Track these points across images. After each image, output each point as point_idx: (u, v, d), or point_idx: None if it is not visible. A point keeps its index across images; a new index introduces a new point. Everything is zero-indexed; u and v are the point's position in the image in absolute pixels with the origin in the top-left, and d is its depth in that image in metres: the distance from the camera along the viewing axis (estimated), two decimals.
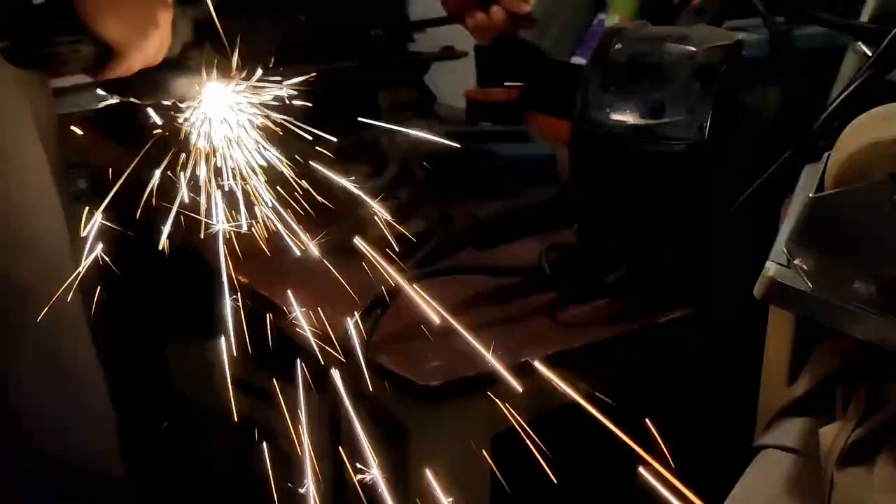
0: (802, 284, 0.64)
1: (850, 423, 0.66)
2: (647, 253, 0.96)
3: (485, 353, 0.84)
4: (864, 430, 0.64)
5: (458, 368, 0.84)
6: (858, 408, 0.66)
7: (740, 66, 0.91)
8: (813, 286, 0.64)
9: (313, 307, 0.97)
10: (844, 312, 0.62)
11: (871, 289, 0.61)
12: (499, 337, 0.90)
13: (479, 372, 0.84)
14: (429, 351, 0.87)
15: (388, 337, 0.89)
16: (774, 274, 0.66)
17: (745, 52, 0.91)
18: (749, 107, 0.94)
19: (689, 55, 0.92)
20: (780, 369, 0.78)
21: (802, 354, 0.76)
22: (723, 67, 0.90)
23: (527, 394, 0.91)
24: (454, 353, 0.86)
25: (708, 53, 0.91)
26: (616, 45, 0.98)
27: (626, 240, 0.99)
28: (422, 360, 0.85)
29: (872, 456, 0.64)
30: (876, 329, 0.61)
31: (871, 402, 0.66)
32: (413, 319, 0.92)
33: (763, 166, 0.87)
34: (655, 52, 0.95)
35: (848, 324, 0.63)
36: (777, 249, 0.67)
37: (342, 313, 0.90)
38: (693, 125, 0.92)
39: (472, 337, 0.90)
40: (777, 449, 0.71)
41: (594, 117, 0.99)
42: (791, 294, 0.65)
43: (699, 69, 0.91)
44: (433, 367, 0.84)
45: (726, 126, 0.92)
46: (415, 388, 0.82)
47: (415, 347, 0.88)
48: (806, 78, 1.00)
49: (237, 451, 1.61)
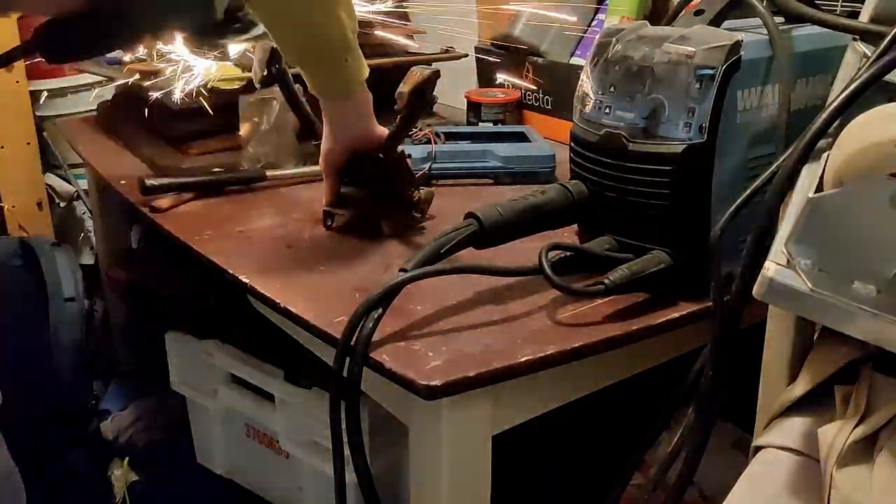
0: (802, 284, 0.64)
1: (849, 423, 0.66)
2: (647, 253, 0.96)
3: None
4: (863, 430, 0.64)
5: (458, 368, 0.84)
6: (858, 408, 0.66)
7: (740, 66, 0.91)
8: (812, 286, 0.64)
9: (313, 305, 0.97)
10: (844, 312, 0.63)
11: (871, 289, 0.61)
12: (499, 337, 0.90)
13: (479, 372, 0.84)
14: (429, 351, 0.87)
15: (388, 337, 0.89)
16: (774, 274, 0.66)
17: (744, 52, 0.91)
18: (749, 107, 0.94)
19: (688, 55, 0.92)
20: (780, 369, 0.78)
21: (802, 354, 0.76)
22: (722, 67, 0.91)
23: (527, 394, 0.92)
24: (454, 353, 0.86)
25: (707, 53, 0.91)
26: (615, 45, 0.99)
27: (626, 240, 0.99)
28: (422, 359, 0.85)
29: (872, 456, 0.64)
30: (876, 329, 0.61)
31: (871, 402, 0.66)
32: (413, 319, 0.93)
33: (762, 167, 0.87)
34: (655, 52, 0.95)
35: (848, 324, 0.63)
36: (777, 249, 0.67)
37: (342, 312, 0.91)
38: (693, 125, 0.92)
39: (472, 337, 0.90)
40: (776, 449, 0.71)
41: (594, 117, 1.00)
42: (791, 294, 0.65)
43: (698, 69, 0.91)
44: (433, 367, 0.84)
45: (726, 126, 0.93)
46: (415, 388, 0.82)
47: (415, 347, 0.88)
48: (806, 78, 1.00)
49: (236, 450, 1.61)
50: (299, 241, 1.17)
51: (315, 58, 1.07)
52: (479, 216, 0.96)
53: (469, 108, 1.66)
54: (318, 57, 1.06)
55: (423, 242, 1.14)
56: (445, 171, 1.38)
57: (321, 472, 1.41)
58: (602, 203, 1.00)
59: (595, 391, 0.99)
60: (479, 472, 0.91)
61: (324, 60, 1.07)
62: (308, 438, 1.42)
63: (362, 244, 1.15)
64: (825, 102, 0.75)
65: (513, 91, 1.68)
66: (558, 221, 1.03)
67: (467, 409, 0.87)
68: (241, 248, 1.15)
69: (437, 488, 0.90)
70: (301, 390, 1.42)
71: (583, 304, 0.96)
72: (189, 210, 1.30)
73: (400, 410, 0.94)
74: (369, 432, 1.20)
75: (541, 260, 0.92)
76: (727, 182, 0.94)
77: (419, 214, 1.21)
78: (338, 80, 1.10)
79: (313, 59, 1.07)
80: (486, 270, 0.98)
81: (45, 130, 2.10)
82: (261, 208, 1.29)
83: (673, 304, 0.96)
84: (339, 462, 0.93)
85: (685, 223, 0.94)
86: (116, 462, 1.70)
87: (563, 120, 1.51)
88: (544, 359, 0.87)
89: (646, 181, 0.95)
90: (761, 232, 0.76)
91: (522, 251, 0.98)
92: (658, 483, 0.92)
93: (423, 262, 0.93)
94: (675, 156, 0.92)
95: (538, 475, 1.46)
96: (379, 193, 1.18)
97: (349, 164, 1.17)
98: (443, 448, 0.88)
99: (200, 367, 1.58)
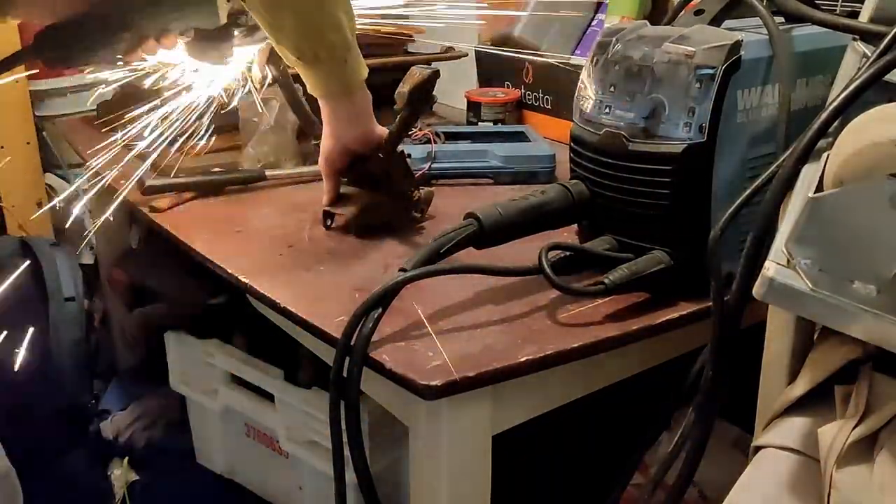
0: (802, 284, 0.64)
1: (849, 422, 0.66)
2: (647, 253, 0.96)
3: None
4: (863, 430, 0.64)
5: (458, 368, 0.84)
6: (858, 408, 0.66)
7: (740, 65, 0.91)
8: (812, 286, 0.64)
9: (313, 305, 0.97)
10: (844, 312, 0.63)
11: (871, 289, 0.61)
12: (499, 337, 0.90)
13: (479, 372, 0.84)
14: (429, 351, 0.87)
15: (388, 337, 0.89)
16: (774, 274, 0.66)
17: (744, 52, 0.91)
18: (749, 107, 0.94)
19: (688, 55, 0.92)
20: (780, 369, 0.78)
21: (802, 354, 0.76)
22: (722, 67, 0.91)
23: (527, 394, 0.92)
24: (454, 353, 0.86)
25: (707, 53, 0.91)
26: (615, 45, 0.98)
27: (626, 240, 0.99)
28: (422, 359, 0.85)
29: (872, 456, 0.64)
30: (875, 329, 0.61)
31: (871, 402, 0.66)
32: (413, 319, 0.92)
33: (762, 167, 0.87)
34: (655, 52, 0.95)
35: (847, 323, 0.63)
36: (777, 249, 0.67)
37: (342, 312, 0.91)
38: (693, 125, 0.92)
39: (472, 337, 0.90)
40: (776, 449, 0.71)
41: (594, 117, 1.00)
42: (791, 294, 0.65)
43: (699, 69, 0.91)
44: (433, 367, 0.84)
45: (726, 126, 0.92)
46: (415, 388, 0.82)
47: (415, 347, 0.88)
48: (806, 78, 1.00)
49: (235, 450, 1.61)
50: (299, 241, 1.17)
51: (314, 59, 1.07)
52: (479, 216, 0.96)
53: (469, 108, 1.66)
54: (317, 58, 1.06)
55: (423, 242, 1.14)
56: (445, 171, 1.38)
57: (321, 472, 1.41)
58: (602, 203, 1.00)
59: (595, 391, 0.99)
60: (479, 472, 0.91)
61: (323, 61, 1.07)
62: (308, 438, 1.42)
63: (362, 244, 1.15)
64: (825, 102, 0.75)
65: (513, 91, 1.68)
66: (558, 221, 1.03)
67: (467, 409, 0.87)
68: (241, 248, 1.15)
69: (437, 488, 0.90)
70: (301, 390, 1.42)
71: (583, 304, 0.96)
72: (189, 210, 1.30)
73: (400, 410, 0.94)
74: (369, 432, 1.20)
75: (541, 260, 0.92)
76: (727, 182, 0.94)
77: (419, 214, 1.21)
78: (337, 81, 1.10)
79: (312, 60, 1.07)
80: (486, 270, 0.98)
81: (44, 130, 2.10)
82: (261, 208, 1.29)
83: (673, 304, 0.96)
84: (339, 462, 0.93)
85: (685, 223, 0.94)
86: (116, 462, 1.70)
87: (563, 120, 1.51)
88: (544, 359, 0.87)
89: (646, 181, 0.95)
90: (761, 232, 0.76)
91: (522, 251, 0.98)
92: (658, 483, 0.92)
93: (422, 262, 0.93)
94: (675, 156, 0.92)
95: (538, 475, 1.46)
96: (379, 193, 1.18)
97: (349, 164, 1.17)
98: (443, 448, 0.88)
99: (200, 367, 1.58)
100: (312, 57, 1.07)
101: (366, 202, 1.18)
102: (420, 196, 1.21)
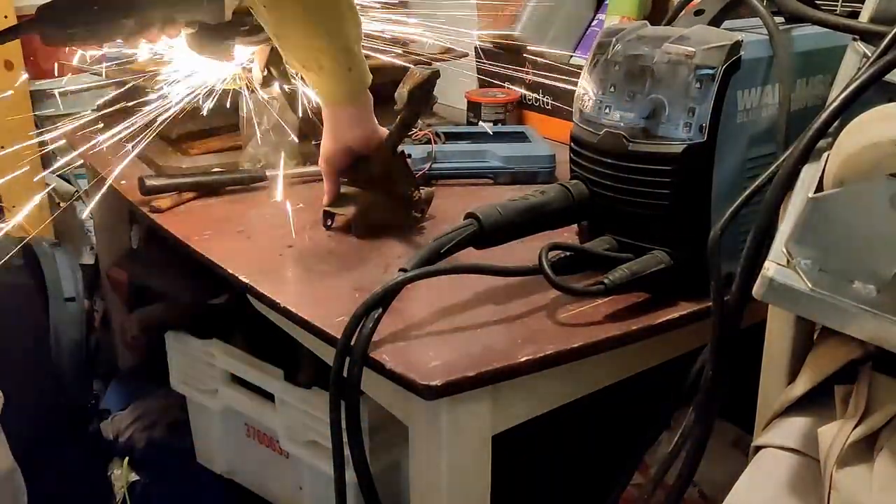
0: (802, 284, 0.64)
1: (849, 422, 0.66)
2: (647, 253, 0.96)
3: None
4: (863, 430, 0.64)
5: (458, 368, 0.84)
6: (858, 408, 0.66)
7: (740, 66, 0.91)
8: (812, 286, 0.64)
9: (313, 305, 0.97)
10: (844, 312, 0.63)
11: (871, 288, 0.61)
12: (499, 337, 0.90)
13: (479, 372, 0.84)
14: (429, 351, 0.87)
15: (387, 337, 0.89)
16: (774, 274, 0.66)
17: (744, 52, 0.91)
18: (749, 107, 0.95)
19: (688, 55, 0.92)
20: (780, 369, 0.78)
21: (802, 354, 0.76)
22: (722, 67, 0.91)
23: (527, 394, 0.92)
24: (454, 353, 0.86)
25: (707, 53, 0.91)
26: (615, 45, 0.99)
27: (626, 240, 0.99)
28: (422, 359, 0.85)
29: (872, 456, 0.64)
30: (875, 329, 0.61)
31: (871, 402, 0.66)
32: (413, 319, 0.92)
33: (762, 167, 0.87)
34: (655, 52, 0.95)
35: (847, 323, 0.63)
36: (776, 249, 0.67)
37: (342, 312, 0.91)
38: (693, 125, 0.92)
39: (472, 337, 0.90)
40: (776, 449, 0.71)
41: (594, 117, 1.00)
42: (790, 294, 0.65)
43: (699, 69, 0.91)
44: (433, 367, 0.84)
45: (726, 126, 0.92)
46: (415, 387, 0.82)
47: (415, 347, 0.88)
48: (806, 78, 1.00)
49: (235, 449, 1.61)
50: (299, 241, 1.17)
51: (319, 68, 1.07)
52: (479, 216, 0.96)
53: (469, 108, 1.66)
54: (321, 68, 1.06)
55: (423, 242, 1.14)
56: (445, 171, 1.38)
57: (321, 472, 1.41)
58: (602, 203, 1.00)
59: (595, 391, 0.99)
60: (479, 472, 0.91)
61: (328, 71, 1.07)
62: (308, 438, 1.42)
63: (362, 244, 1.15)
64: (825, 102, 0.75)
65: (513, 91, 1.68)
66: (558, 221, 1.03)
67: (467, 409, 0.87)
68: (241, 248, 1.15)
69: (437, 488, 0.90)
70: (301, 390, 1.42)
71: (583, 303, 0.96)
72: (189, 210, 1.30)
73: (400, 410, 0.94)
74: (369, 432, 1.20)
75: (541, 260, 0.92)
76: (727, 182, 0.94)
77: (419, 214, 1.21)
78: (340, 89, 1.10)
79: (317, 69, 1.07)
80: (486, 270, 0.98)
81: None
82: (261, 208, 1.29)
83: (673, 304, 0.96)
84: (339, 462, 0.93)
85: (685, 223, 0.94)
86: (116, 462, 1.70)
87: (563, 120, 1.51)
88: (544, 359, 0.87)
89: (646, 181, 0.95)
90: (761, 232, 0.76)
91: (522, 251, 0.98)
92: (658, 483, 0.92)
93: (422, 262, 0.93)
94: (675, 156, 0.92)
95: (538, 475, 1.46)
96: (379, 193, 1.18)
97: (349, 164, 1.17)
98: (443, 448, 0.88)
99: (200, 367, 1.58)
100: (317, 67, 1.07)
101: (366, 202, 1.18)
102: (420, 196, 1.21)
